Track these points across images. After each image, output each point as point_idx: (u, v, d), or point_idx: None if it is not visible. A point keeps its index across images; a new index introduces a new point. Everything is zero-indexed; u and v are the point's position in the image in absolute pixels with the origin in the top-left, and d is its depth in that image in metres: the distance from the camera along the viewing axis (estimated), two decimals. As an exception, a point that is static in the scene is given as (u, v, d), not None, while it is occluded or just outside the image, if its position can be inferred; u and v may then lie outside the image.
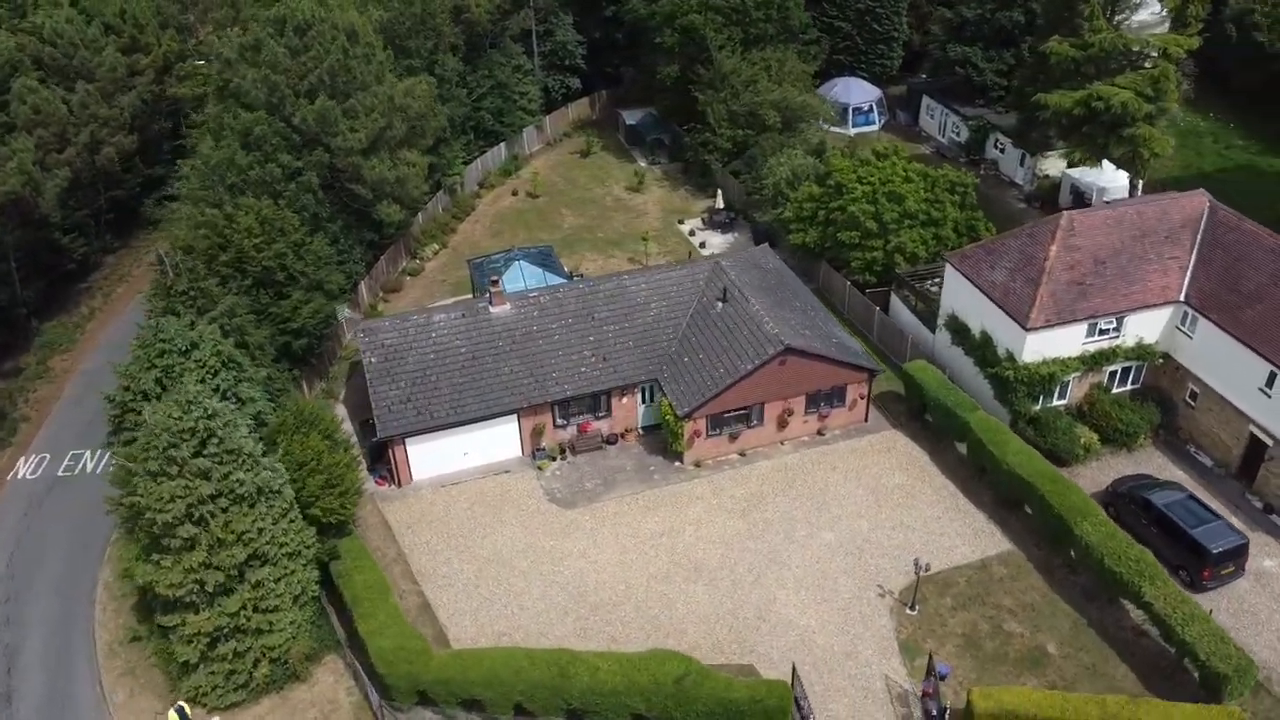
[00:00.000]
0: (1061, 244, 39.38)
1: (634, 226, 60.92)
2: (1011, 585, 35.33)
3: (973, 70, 64.71)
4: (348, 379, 47.79)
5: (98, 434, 45.27)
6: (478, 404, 40.76)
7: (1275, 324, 36.50)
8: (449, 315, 42.38)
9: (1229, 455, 38.90)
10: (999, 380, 40.55)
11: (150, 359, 34.05)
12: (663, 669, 30.00)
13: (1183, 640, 30.33)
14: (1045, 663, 32.60)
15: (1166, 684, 31.60)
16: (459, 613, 35.49)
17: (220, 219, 41.77)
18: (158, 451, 29.42)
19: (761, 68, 61.03)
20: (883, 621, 34.30)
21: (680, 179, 66.30)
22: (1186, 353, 39.96)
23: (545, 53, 71.36)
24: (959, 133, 66.88)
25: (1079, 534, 33.86)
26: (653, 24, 64.27)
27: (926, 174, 49.43)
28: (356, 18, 48.76)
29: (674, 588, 36.01)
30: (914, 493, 39.50)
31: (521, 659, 30.62)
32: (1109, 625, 33.72)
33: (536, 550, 37.86)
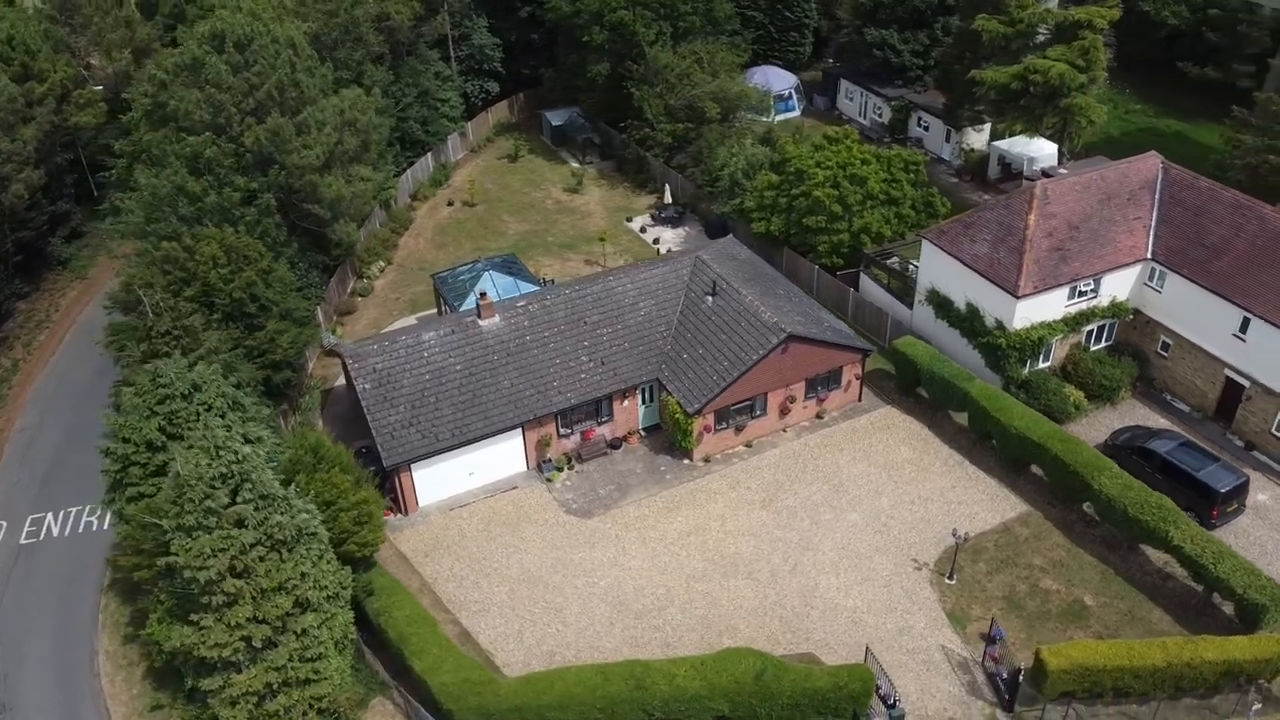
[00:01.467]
0: (1039, 212, 40.94)
1: (582, 228, 60.25)
2: (1037, 544, 36.58)
3: (891, 52, 66.54)
4: (322, 409, 45.67)
5: (58, 494, 42.24)
6: (481, 421, 39.56)
7: (1244, 273, 38.91)
8: (438, 332, 40.94)
9: (1205, 400, 41.28)
10: (990, 349, 41.89)
11: (150, 406, 31.68)
12: (739, 667, 29.79)
13: (1217, 577, 32.02)
14: (1086, 614, 33.90)
15: (1199, 620, 33.33)
16: (502, 637, 34.41)
17: (179, 251, 39.19)
18: (194, 504, 27.38)
19: (693, 61, 61.22)
20: (926, 594, 35.00)
21: (616, 177, 65.93)
22: (1156, 307, 42.16)
23: (462, 57, 69.77)
24: (881, 113, 68.68)
25: (1098, 488, 35.31)
26: (578, 22, 63.57)
27: (878, 155, 50.57)
28: (294, 30, 46.46)
29: (714, 585, 35.83)
30: (923, 465, 40.43)
31: (594, 676, 29.88)
32: (1134, 571, 35.33)
33: (566, 564, 37.04)
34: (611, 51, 62.64)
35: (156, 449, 31.54)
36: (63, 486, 42.66)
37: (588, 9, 61.79)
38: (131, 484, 31.59)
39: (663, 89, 60.83)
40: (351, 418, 44.00)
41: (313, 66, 46.32)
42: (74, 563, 39.07)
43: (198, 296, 38.89)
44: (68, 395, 48.44)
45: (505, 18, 71.38)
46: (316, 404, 45.55)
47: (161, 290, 38.56)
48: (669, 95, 60.79)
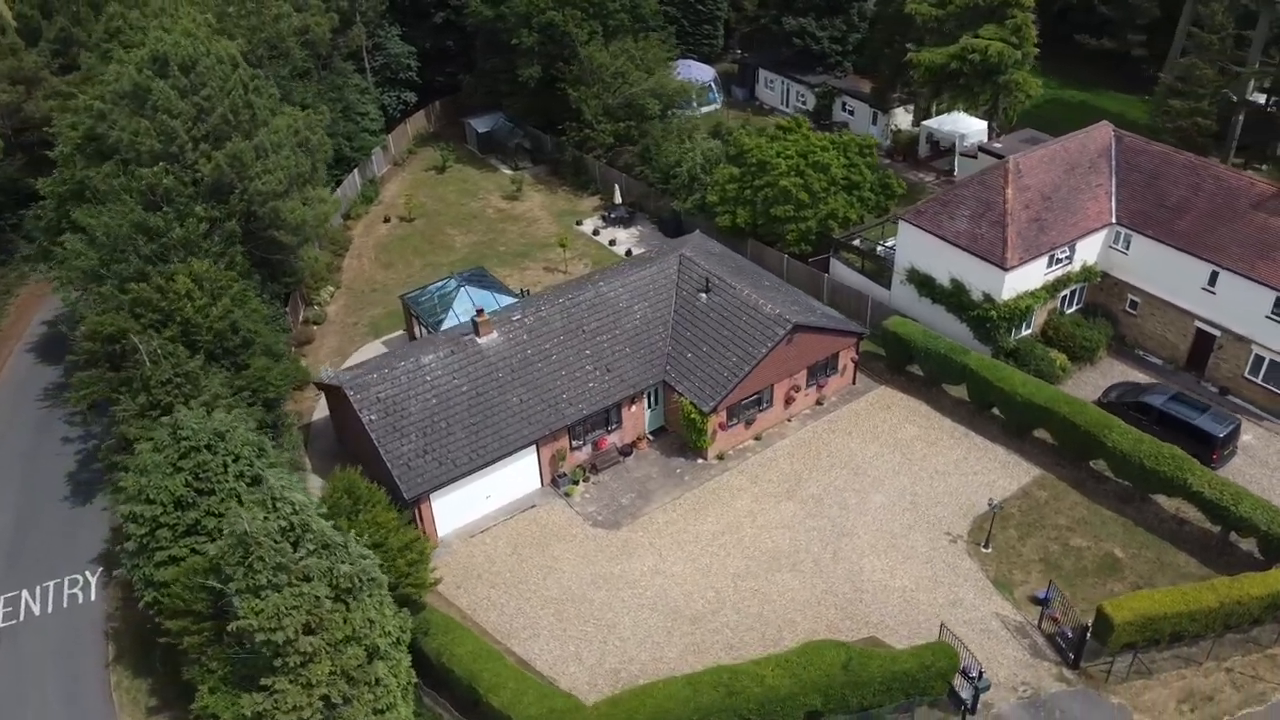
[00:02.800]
0: (1015, 186, 42.44)
1: (532, 235, 59.09)
2: (1057, 505, 37.98)
3: (810, 40, 67.79)
4: (306, 446, 43.34)
5: (29, 570, 38.70)
6: (497, 442, 38.31)
7: (1207, 230, 41.34)
8: (438, 355, 39.38)
9: (1177, 352, 43.71)
10: (980, 321, 43.19)
11: (173, 462, 29.30)
12: (825, 659, 29.83)
13: (1240, 517, 33.96)
14: (1119, 566, 35.43)
15: (1222, 559, 35.30)
16: (560, 660, 33.44)
17: (150, 291, 36.42)
18: (264, 562, 25.46)
19: (627, 59, 60.83)
20: (967, 565, 35.86)
21: (554, 181, 64.94)
22: (1123, 268, 44.35)
23: (377, 68, 67.37)
24: (805, 100, 69.92)
25: (1111, 445, 36.94)
26: (504, 25, 62.17)
27: (834, 141, 51.44)
28: (232, 48, 43.77)
29: (762, 582, 35.77)
30: (932, 440, 41.40)
31: (683, 689, 29.36)
32: (1151, 520, 37.12)
33: (606, 578, 36.29)
34: (542, 53, 61.54)
35: (185, 507, 29.21)
36: (32, 561, 39.10)
37: (515, 11, 60.52)
38: (160, 547, 29.13)
39: (599, 89, 60.22)
40: (338, 453, 42.01)
41: (261, 86, 43.72)
42: (68, 641, 35.85)
43: (177, 337, 36.23)
44: (4, 462, 44.29)
45: (418, 25, 69.31)
46: (298, 442, 43.15)
47: (138, 334, 35.81)
48: (606, 95, 60.25)
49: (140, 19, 48.22)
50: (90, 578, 38.37)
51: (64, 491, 42.60)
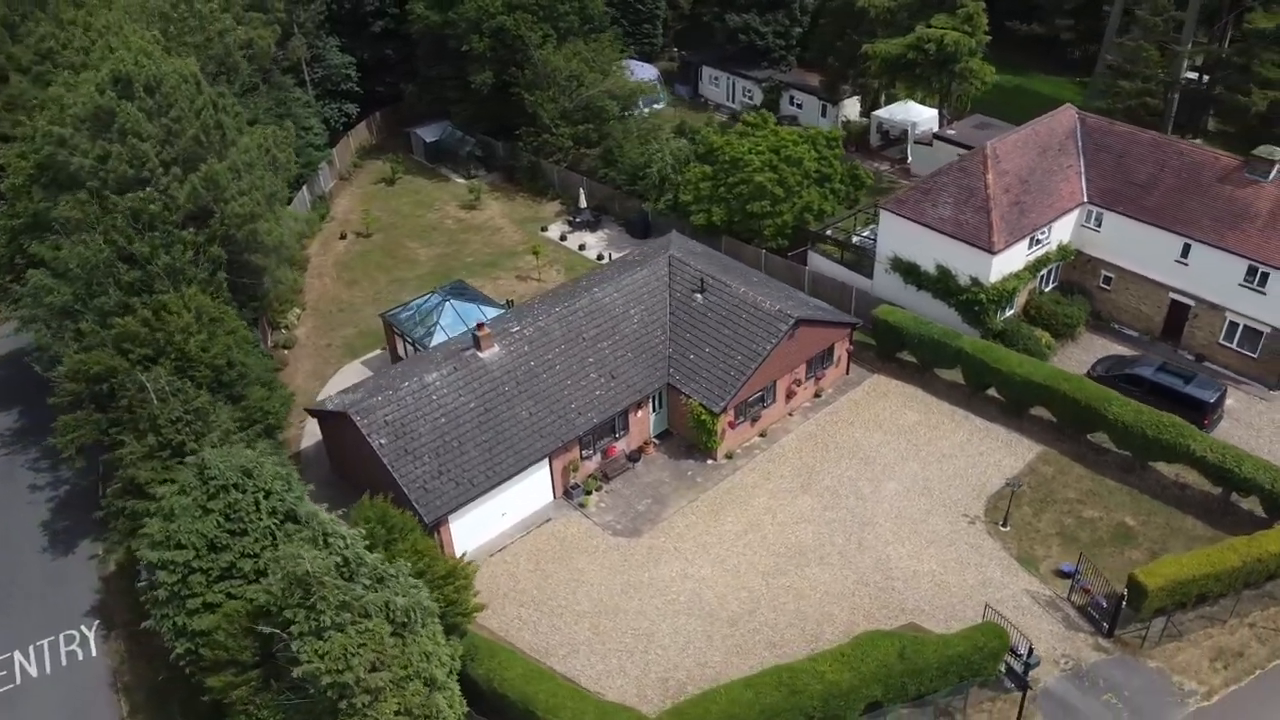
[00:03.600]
0: (994, 172, 43.44)
1: (497, 244, 58.12)
2: (1064, 479, 39.02)
3: (754, 35, 68.27)
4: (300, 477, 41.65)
5: (18, 629, 36.31)
6: (512, 457, 37.53)
7: (1176, 204, 43.00)
8: (442, 372, 38.35)
9: (1151, 323, 45.38)
10: (969, 305, 44.08)
11: (202, 504, 27.80)
12: (880, 650, 30.02)
13: (1244, 478, 35.41)
14: (1133, 534, 36.60)
15: (1226, 520, 36.75)
16: (604, 675, 32.93)
17: (137, 326, 34.56)
18: (327, 601, 24.36)
19: (581, 60, 60.32)
20: (989, 544, 36.57)
21: (509, 188, 63.99)
22: (1095, 245, 45.82)
23: (317, 80, 65.36)
24: (751, 95, 70.40)
25: (1113, 417, 38.13)
26: (452, 32, 60.96)
27: (801, 135, 51.89)
28: (192, 65, 41.83)
29: (793, 578, 35.83)
30: (933, 425, 42.10)
31: (744, 692, 29.19)
32: (1154, 487, 38.44)
33: (635, 587, 35.89)
34: (494, 59, 60.54)
35: (219, 549, 27.74)
36: (19, 620, 36.76)
37: (464, 16, 59.36)
38: (194, 594, 27.61)
39: (555, 92, 59.55)
40: (333, 481, 40.65)
41: (227, 104, 41.88)
42: (74, 701, 33.80)
43: (171, 372, 34.44)
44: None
45: (356, 35, 67.54)
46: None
47: (125, 372, 33.94)
48: (562, 98, 59.63)
49: (82, 39, 45.60)
50: (88, 632, 36.26)
51: (41, 543, 40.18)
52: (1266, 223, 40.76)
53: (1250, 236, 40.94)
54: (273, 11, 58.09)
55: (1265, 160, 41.33)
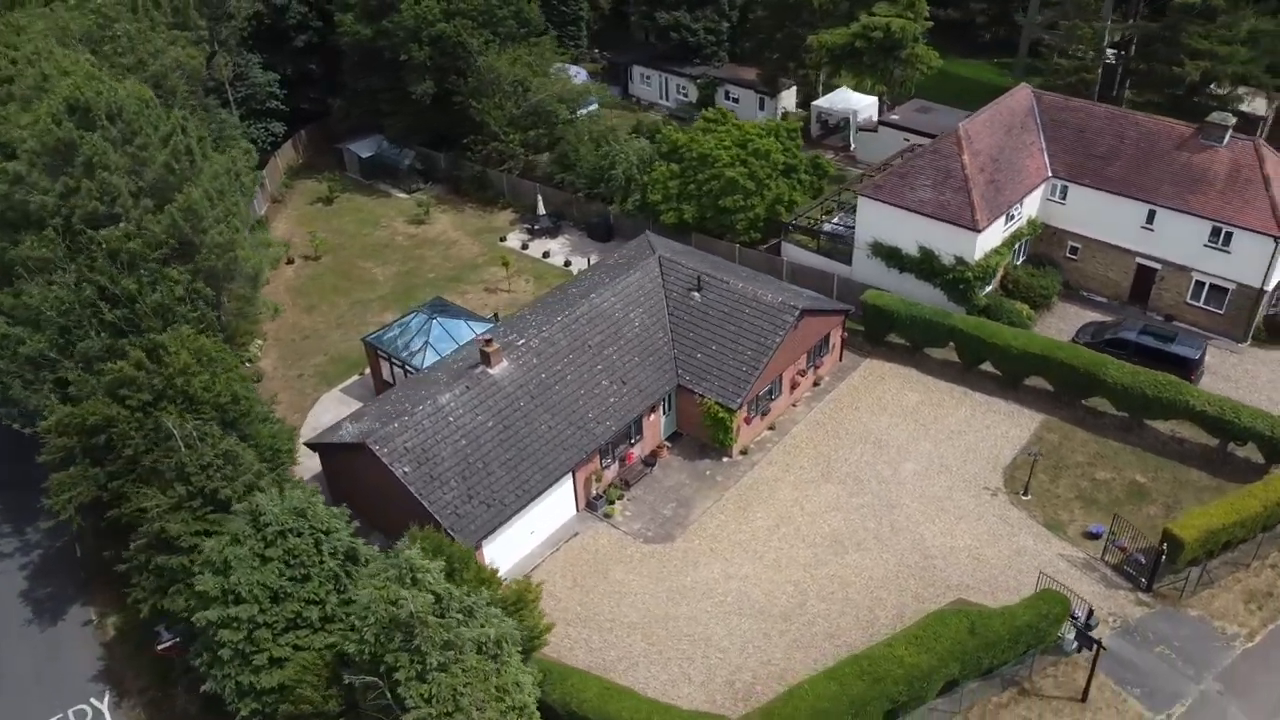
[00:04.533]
0: (969, 152, 44.56)
1: (456, 258, 56.54)
2: (1070, 445, 40.29)
3: (686, 33, 68.37)
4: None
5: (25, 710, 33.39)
6: (539, 473, 36.52)
7: (1138, 173, 44.97)
8: (454, 392, 37.02)
9: (1119, 289, 47.37)
10: (955, 283, 45.07)
11: (259, 553, 26.03)
12: (949, 628, 30.36)
13: (1245, 427, 37.27)
14: (1146, 491, 38.07)
15: (1227, 469, 38.62)
16: (670, 684, 32.35)
17: (131, 370, 32.16)
18: (432, 642, 23.12)
19: (523, 65, 59.24)
20: (1015, 514, 37.47)
21: (456, 199, 62.34)
22: (1061, 217, 47.51)
23: (240, 100, 62.31)
24: (686, 92, 70.50)
25: (1111, 381, 39.61)
26: (386, 43, 58.96)
27: (767, 127, 52.20)
28: (146, 91, 39.28)
29: (835, 567, 35.95)
30: (936, 403, 42.92)
31: (829, 684, 29.10)
32: (1154, 444, 40.08)
33: (680, 592, 35.41)
34: (434, 67, 58.85)
35: (282, 599, 26.02)
36: (20, 700, 33.81)
37: (401, 25, 57.47)
38: (259, 650, 25.80)
39: (501, 98, 58.31)
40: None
41: (192, 128, 39.41)
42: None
43: (178, 416, 32.19)
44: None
45: (277, 50, 64.65)
46: (291, 510, 39.35)
47: (126, 422, 31.58)
48: (509, 104, 58.45)
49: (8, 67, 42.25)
50: (100, 704, 33.63)
51: (24, 615, 37.15)
52: (1225, 185, 43.02)
53: (1211, 199, 43.14)
54: (195, 29, 55.07)
55: (1218, 126, 43.61)
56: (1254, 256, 42.49)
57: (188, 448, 28.33)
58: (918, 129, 58.96)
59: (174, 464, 28.47)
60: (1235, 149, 43.35)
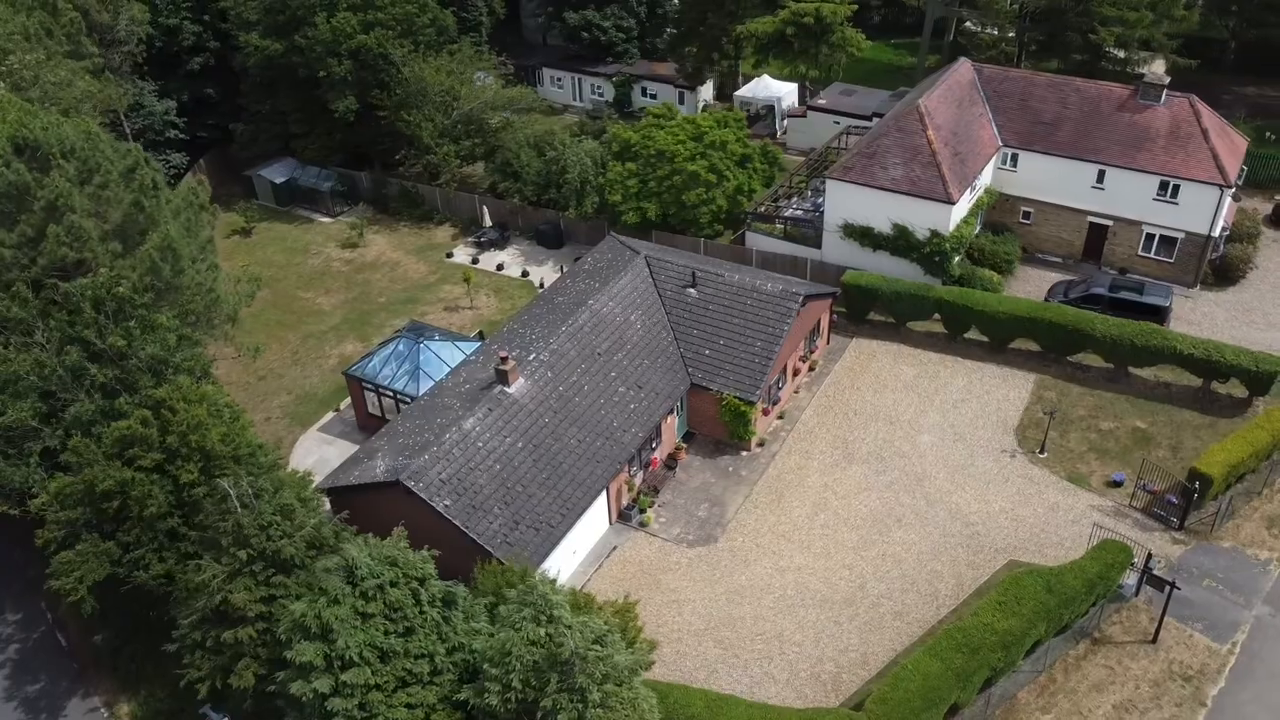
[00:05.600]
0: (932, 128, 45.59)
1: (404, 279, 54.03)
2: (1068, 400, 41.75)
3: (598, 31, 67.58)
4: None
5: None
6: (578, 490, 35.15)
7: (1085, 136, 47.09)
8: (478, 417, 35.17)
9: (1073, 248, 49.53)
10: (931, 256, 46.04)
11: (360, 611, 23.89)
12: (1027, 589, 30.83)
13: (1231, 365, 39.51)
14: (1149, 435, 39.86)
15: (1215, 405, 40.86)
16: (756, 684, 31.68)
17: (138, 428, 29.10)
18: (593, 679, 21.73)
19: (447, 73, 57.14)
20: (1038, 473, 38.56)
21: (387, 219, 59.63)
22: (1013, 184, 49.27)
23: (137, 131, 57.71)
24: (601, 92, 69.70)
25: (1101, 334, 41.32)
26: (300, 60, 55.72)
27: (718, 118, 52.07)
28: (92, 124, 35.71)
29: (883, 546, 36.04)
30: (932, 375, 43.73)
31: (930, 662, 29.06)
32: (1143, 390, 42.00)
33: (738, 593, 34.78)
34: (357, 82, 55.99)
35: (389, 657, 23.96)
36: None
37: (318, 39, 54.36)
38: (373, 715, 23.67)
39: (430, 109, 56.04)
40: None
41: (150, 158, 36.00)
42: None
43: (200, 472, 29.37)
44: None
45: (171, 76, 60.25)
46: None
47: (145, 486, 28.59)
48: (439, 115, 56.26)
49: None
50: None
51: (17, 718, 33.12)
52: (1168, 141, 45.57)
53: (1157, 155, 45.61)
54: (89, 57, 50.58)
55: (1155, 86, 46.16)
56: (1201, 205, 45.17)
57: (244, 507, 25.70)
58: (846, 111, 60.15)
59: (231, 527, 25.77)
60: (1173, 106, 45.98)
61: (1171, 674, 31.11)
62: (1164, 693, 30.56)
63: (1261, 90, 63.97)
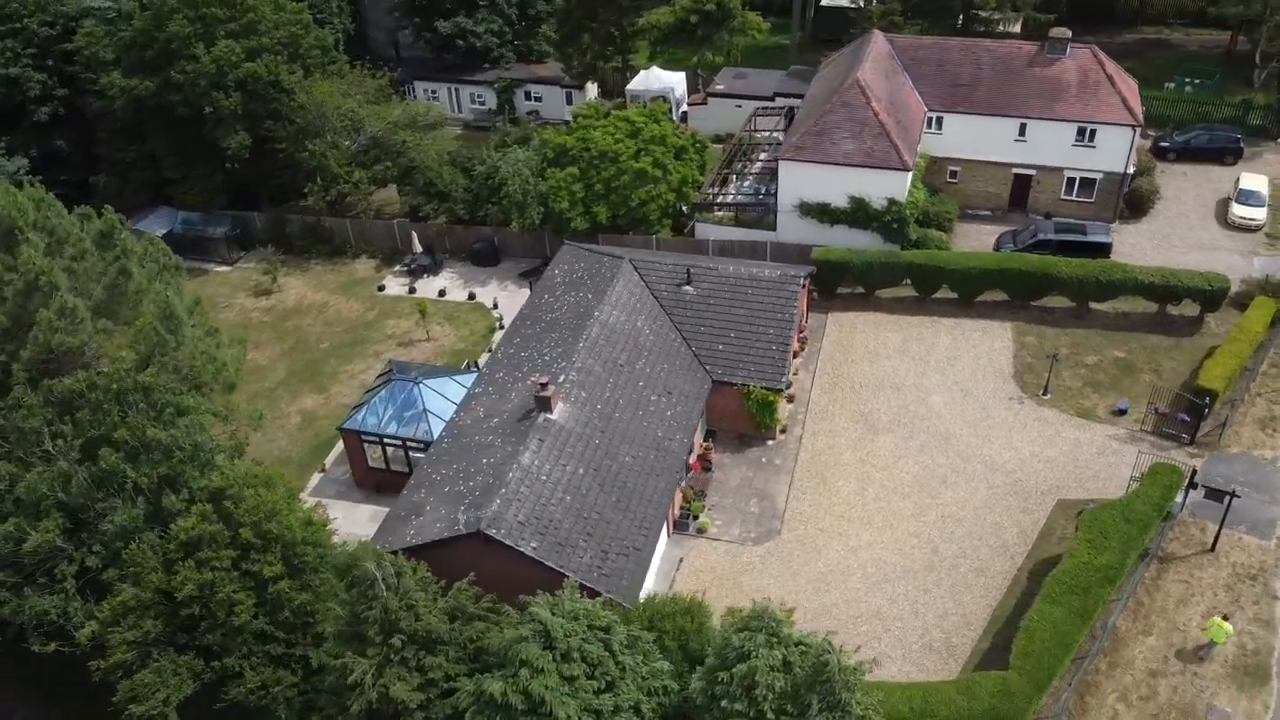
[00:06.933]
0: (874, 100, 46.75)
1: (343, 321, 50.24)
2: (1048, 342, 43.81)
3: (473, 38, 65.11)
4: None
5: None
6: (649, 506, 33.84)
7: (1002, 93, 49.73)
8: (533, 450, 33.11)
9: (1000, 200, 52.26)
10: (890, 224, 47.23)
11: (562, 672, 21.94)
12: (1108, 523, 32.31)
13: (1188, 287, 42.86)
14: (1130, 363, 42.60)
15: (1174, 325, 44.16)
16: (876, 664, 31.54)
17: (202, 524, 25.59)
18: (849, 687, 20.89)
19: (343, 95, 53.42)
20: (1050, 414, 40.44)
21: (293, 260, 55.09)
22: (939, 146, 51.38)
23: (-12, 198, 50.55)
24: (482, 99, 67.31)
25: (1067, 276, 43.85)
26: (178, 98, 50.41)
27: (647, 113, 51.33)
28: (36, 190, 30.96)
29: (939, 509, 36.70)
30: (917, 338, 44.96)
31: (1053, 609, 29.94)
32: (1109, 322, 44.74)
33: (821, 580, 34.58)
34: (247, 115, 51.26)
35: (605, 716, 22.15)
36: None
37: (202, 74, 49.28)
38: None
39: (334, 136, 52.19)
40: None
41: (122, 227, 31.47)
42: None
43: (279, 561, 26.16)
44: None
45: (14, 129, 53.13)
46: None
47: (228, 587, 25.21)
48: (344, 140, 52.54)
49: None
50: None
51: None
52: (1079, 90, 48.82)
53: (1072, 104, 48.79)
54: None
55: (1059, 40, 49.36)
56: (1116, 146, 48.72)
57: (389, 590, 22.94)
58: (747, 94, 60.91)
59: (379, 613, 22.93)
60: (1078, 57, 49.34)
61: (1238, 576, 33.48)
62: (1239, 594, 32.85)
63: (1098, 38, 69.74)
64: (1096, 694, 30.49)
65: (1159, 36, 72.20)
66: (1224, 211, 51.09)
